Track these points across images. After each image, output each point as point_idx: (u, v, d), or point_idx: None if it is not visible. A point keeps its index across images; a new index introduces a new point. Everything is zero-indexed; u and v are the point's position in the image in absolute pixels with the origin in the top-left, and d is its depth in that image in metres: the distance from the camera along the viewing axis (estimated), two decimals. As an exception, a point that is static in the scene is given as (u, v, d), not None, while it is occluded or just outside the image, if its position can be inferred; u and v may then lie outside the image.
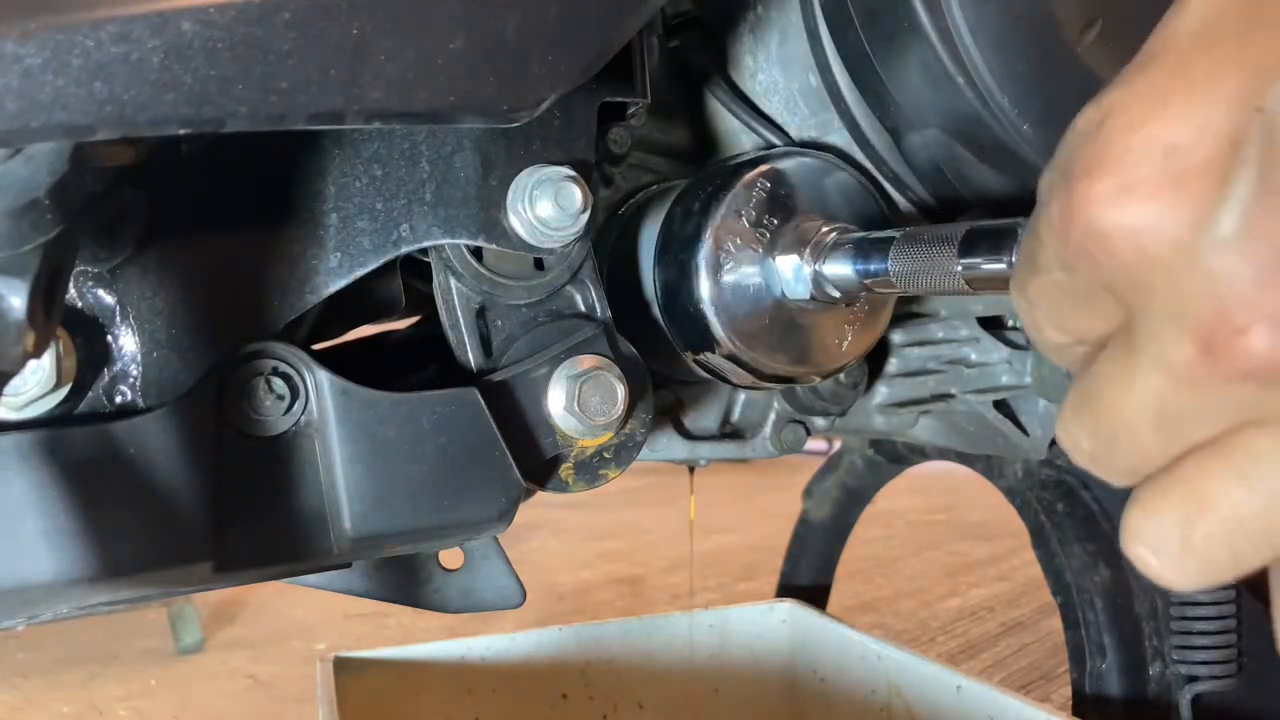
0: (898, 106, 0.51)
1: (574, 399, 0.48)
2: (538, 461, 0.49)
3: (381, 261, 0.46)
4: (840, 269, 0.48)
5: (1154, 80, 0.22)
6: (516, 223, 0.46)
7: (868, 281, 0.46)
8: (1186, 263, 0.22)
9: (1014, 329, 0.72)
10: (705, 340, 0.52)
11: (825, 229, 0.50)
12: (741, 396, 0.72)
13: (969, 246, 0.40)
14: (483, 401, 0.46)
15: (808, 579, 1.14)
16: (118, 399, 0.42)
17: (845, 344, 0.54)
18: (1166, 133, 0.22)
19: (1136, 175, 0.22)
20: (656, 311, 0.54)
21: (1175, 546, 0.24)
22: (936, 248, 0.41)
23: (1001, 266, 0.38)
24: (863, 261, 0.46)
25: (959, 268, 0.40)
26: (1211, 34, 0.22)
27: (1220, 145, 0.21)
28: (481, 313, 0.49)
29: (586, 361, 0.49)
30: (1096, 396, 0.26)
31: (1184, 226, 0.22)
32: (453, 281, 0.49)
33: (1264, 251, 0.21)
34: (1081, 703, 0.78)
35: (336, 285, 0.45)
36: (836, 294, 0.49)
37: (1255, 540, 0.23)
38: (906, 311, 0.71)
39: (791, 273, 0.50)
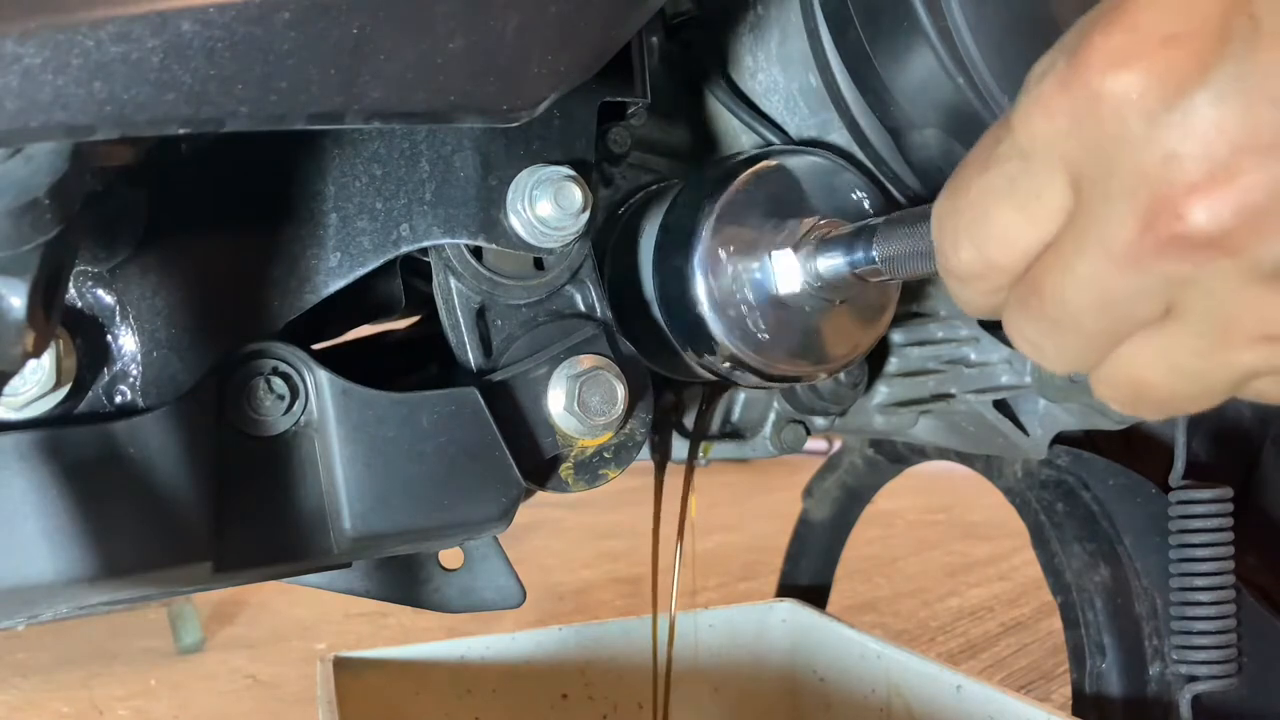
0: (898, 106, 0.51)
1: (574, 399, 0.48)
2: (538, 461, 0.49)
3: (381, 261, 0.46)
4: (833, 261, 0.47)
5: None
6: (516, 222, 0.46)
7: (858, 272, 0.46)
8: (1152, 138, 0.24)
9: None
10: (704, 340, 0.52)
11: (819, 225, 0.50)
12: (741, 396, 0.72)
13: None
14: (482, 401, 0.46)
15: (808, 579, 1.14)
16: (117, 399, 0.42)
17: (845, 343, 0.54)
18: (1165, 18, 0.24)
19: (1133, 46, 0.24)
20: (656, 311, 0.54)
21: (1129, 409, 0.29)
22: (916, 227, 0.41)
23: None
24: (852, 252, 0.46)
25: None
26: None
27: (1210, 38, 0.23)
28: (481, 312, 0.49)
29: (586, 361, 0.49)
30: (1038, 286, 0.28)
31: (1160, 101, 0.24)
32: (453, 281, 0.49)
33: (1221, 142, 0.23)
34: (1081, 703, 0.78)
35: (336, 285, 0.45)
36: (832, 289, 0.49)
37: (1186, 403, 0.28)
38: (906, 311, 0.71)
39: (789, 270, 0.50)
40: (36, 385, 0.39)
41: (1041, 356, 0.30)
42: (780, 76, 0.58)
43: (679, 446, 0.72)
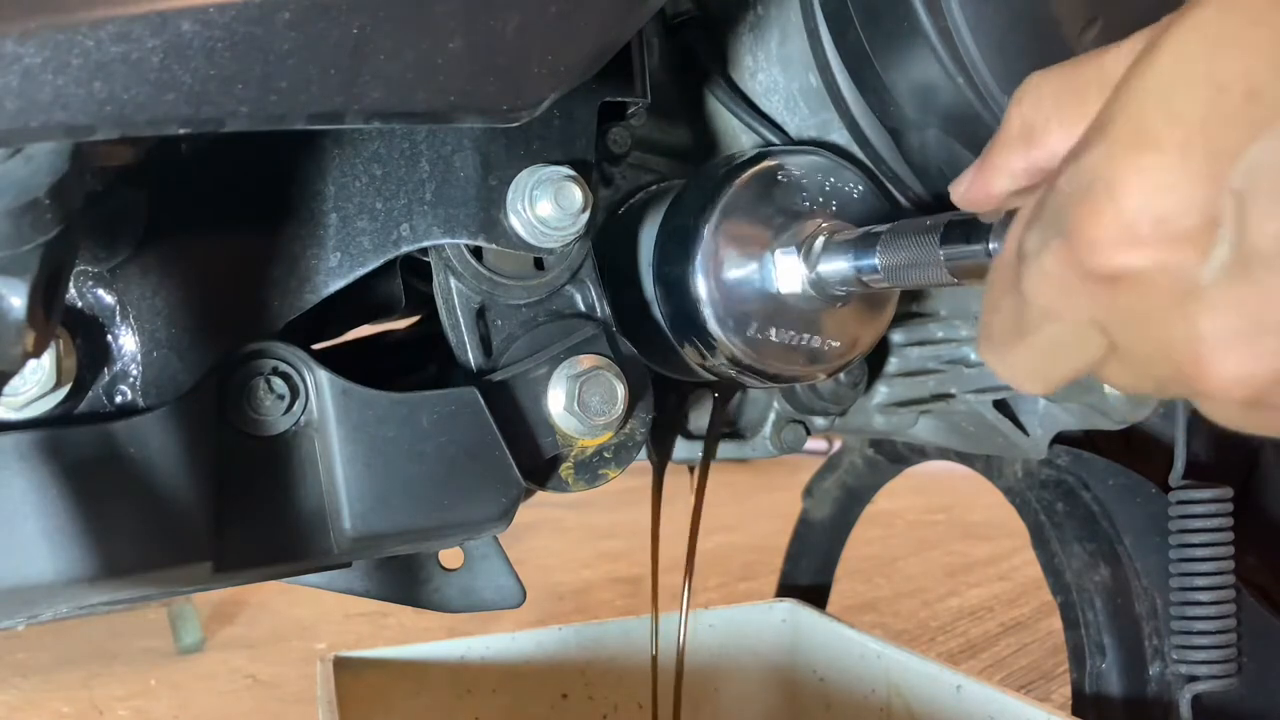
0: (898, 106, 0.51)
1: (574, 399, 0.48)
2: (538, 461, 0.49)
3: (381, 261, 0.46)
4: (835, 266, 0.48)
5: (1133, 147, 0.25)
6: (516, 222, 0.46)
7: (862, 278, 0.46)
8: (1172, 311, 0.25)
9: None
10: (704, 339, 0.52)
11: (821, 226, 0.50)
12: (741, 396, 0.72)
13: (950, 237, 0.40)
14: (483, 401, 0.46)
15: (808, 579, 1.14)
16: (118, 399, 0.42)
17: (845, 343, 0.54)
18: (1153, 204, 0.25)
19: (1136, 233, 0.25)
20: (656, 311, 0.54)
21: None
22: (920, 239, 0.41)
23: (982, 255, 0.39)
24: (854, 257, 0.46)
25: (942, 258, 0.40)
26: (1178, 102, 0.25)
27: (1200, 217, 0.24)
28: (481, 312, 0.49)
29: (586, 361, 0.49)
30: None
31: (1173, 280, 0.25)
32: (453, 281, 0.49)
33: (1236, 317, 0.24)
34: (1081, 703, 0.78)
35: (336, 285, 0.45)
36: (833, 292, 0.49)
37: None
38: (906, 311, 0.71)
39: (789, 271, 0.50)
40: (36, 385, 0.39)
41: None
42: (780, 76, 0.58)
43: (678, 446, 0.72)
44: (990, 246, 0.38)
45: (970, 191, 0.36)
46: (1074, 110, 0.31)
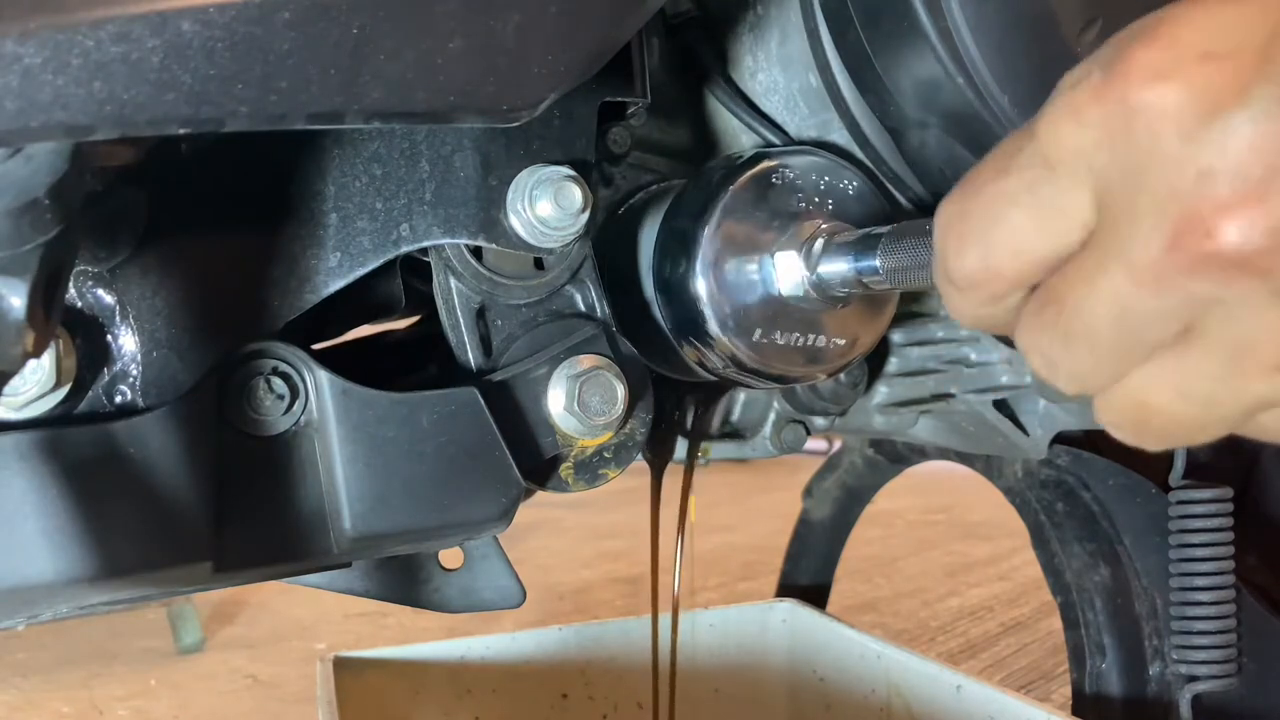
0: (898, 106, 0.51)
1: (574, 399, 0.48)
2: (538, 461, 0.49)
3: (381, 261, 0.46)
4: (836, 267, 0.48)
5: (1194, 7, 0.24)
6: (516, 222, 0.46)
7: (863, 279, 0.46)
8: (1186, 154, 0.24)
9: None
10: (705, 340, 0.52)
11: (822, 228, 0.50)
12: (741, 396, 0.72)
13: None
14: (483, 401, 0.46)
15: (808, 579, 1.14)
16: (117, 399, 0.42)
17: (846, 343, 0.54)
18: (1208, 37, 0.24)
19: (1173, 62, 0.24)
20: (656, 311, 0.54)
21: (1131, 437, 0.29)
22: (922, 242, 0.41)
23: None
24: (855, 259, 0.46)
25: None
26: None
27: (1250, 59, 0.23)
28: (481, 312, 0.49)
29: (586, 361, 0.49)
30: (1058, 298, 0.27)
31: (1197, 118, 0.24)
32: (453, 281, 0.49)
33: (1256, 161, 0.23)
34: (1081, 703, 0.78)
35: (336, 285, 0.45)
36: (834, 293, 0.49)
37: (1192, 433, 0.27)
38: (906, 311, 0.71)
39: (790, 272, 0.50)
40: (36, 385, 0.39)
41: (1054, 373, 0.29)
42: (780, 76, 0.58)
43: (677, 448, 0.72)
44: None
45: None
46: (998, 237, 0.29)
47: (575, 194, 0.46)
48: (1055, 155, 0.27)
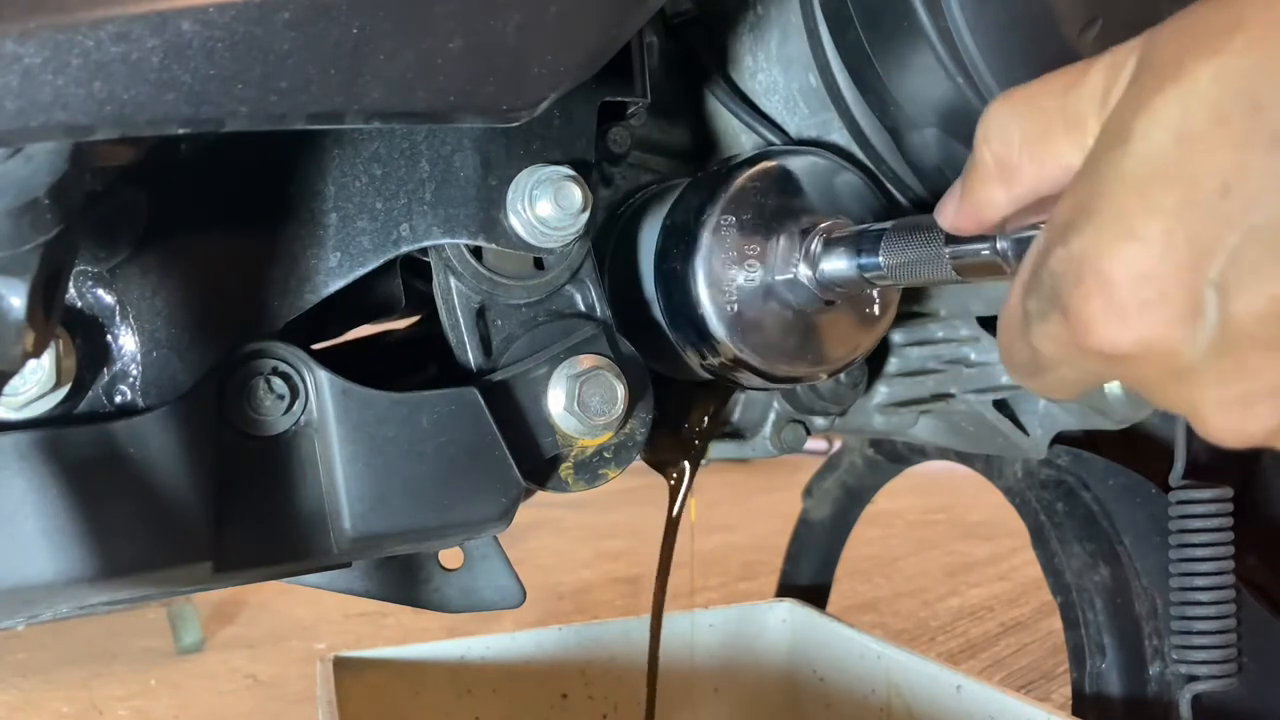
0: (898, 106, 0.51)
1: (574, 399, 0.48)
2: (538, 461, 0.49)
3: (381, 261, 0.46)
4: (837, 265, 0.48)
5: (1116, 237, 0.26)
6: (516, 222, 0.46)
7: (865, 276, 0.46)
8: (1169, 384, 0.27)
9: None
10: (705, 340, 0.52)
11: (822, 226, 0.50)
12: (741, 396, 0.72)
13: (955, 235, 0.40)
14: (482, 401, 0.46)
15: (808, 579, 1.14)
16: (117, 399, 0.42)
17: (848, 343, 0.54)
18: (1141, 292, 0.26)
19: (1126, 317, 0.27)
20: (657, 311, 0.54)
21: None
22: (924, 237, 0.42)
23: (987, 253, 0.39)
24: (857, 256, 0.46)
25: (947, 256, 0.40)
26: (1154, 194, 0.26)
27: (1186, 303, 0.26)
28: (481, 312, 0.49)
29: (586, 361, 0.49)
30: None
31: (1168, 357, 0.27)
32: (453, 281, 0.49)
33: (1226, 391, 0.26)
34: (1081, 703, 0.78)
35: (336, 285, 0.45)
36: (835, 291, 0.49)
37: None
38: (906, 311, 0.71)
39: (791, 271, 0.50)
40: (36, 385, 0.39)
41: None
42: (780, 76, 0.58)
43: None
44: (996, 245, 0.38)
45: (959, 220, 0.37)
46: (1042, 150, 0.32)
47: (575, 194, 0.46)
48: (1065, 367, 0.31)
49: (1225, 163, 0.24)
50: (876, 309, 0.54)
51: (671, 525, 0.73)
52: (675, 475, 0.71)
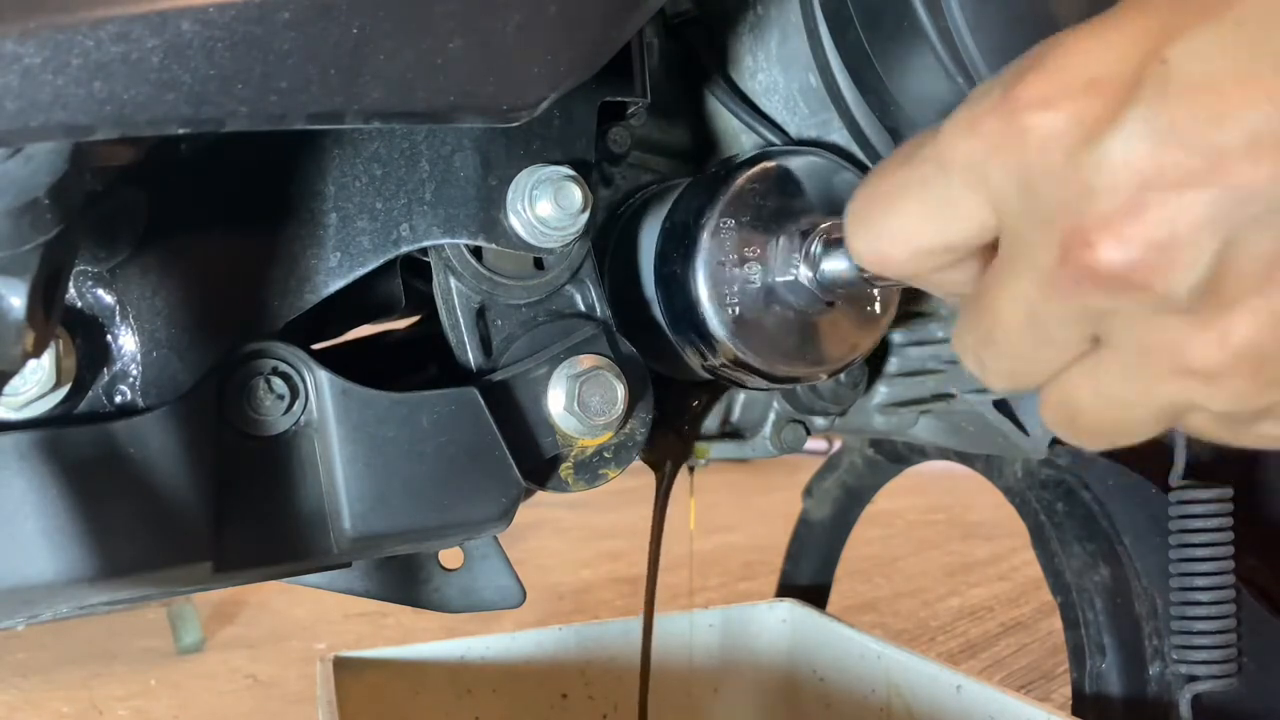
0: (898, 106, 0.51)
1: (574, 399, 0.48)
2: (538, 461, 0.49)
3: (381, 261, 0.46)
4: (837, 266, 0.48)
5: (1099, 25, 0.27)
6: (516, 222, 0.46)
7: (865, 277, 0.46)
8: (1070, 173, 0.26)
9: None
10: (705, 340, 0.52)
11: (822, 227, 0.50)
12: (741, 396, 0.72)
13: None
14: (482, 401, 0.46)
15: (808, 579, 1.14)
16: (117, 399, 0.42)
17: (848, 343, 0.54)
18: (1089, 63, 0.26)
19: (1058, 88, 0.26)
20: (657, 311, 0.54)
21: (1067, 436, 0.31)
22: None
23: None
24: None
25: None
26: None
27: (1126, 83, 0.25)
28: (481, 312, 0.49)
29: (586, 361, 0.49)
30: (979, 301, 0.30)
31: (1080, 140, 0.26)
32: (453, 281, 0.49)
33: (1130, 179, 0.25)
34: (1081, 703, 0.78)
35: (336, 285, 0.45)
36: (835, 292, 0.49)
37: (1118, 433, 0.30)
38: (906, 311, 0.71)
39: (792, 271, 0.50)
40: (36, 385, 0.39)
41: (982, 371, 0.32)
42: (780, 76, 0.58)
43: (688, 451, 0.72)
44: None
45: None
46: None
47: (575, 194, 0.46)
48: (950, 157, 0.29)
49: None
50: (877, 309, 0.54)
51: (658, 519, 0.73)
52: (661, 472, 0.71)
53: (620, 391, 0.48)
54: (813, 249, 0.49)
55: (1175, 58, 0.24)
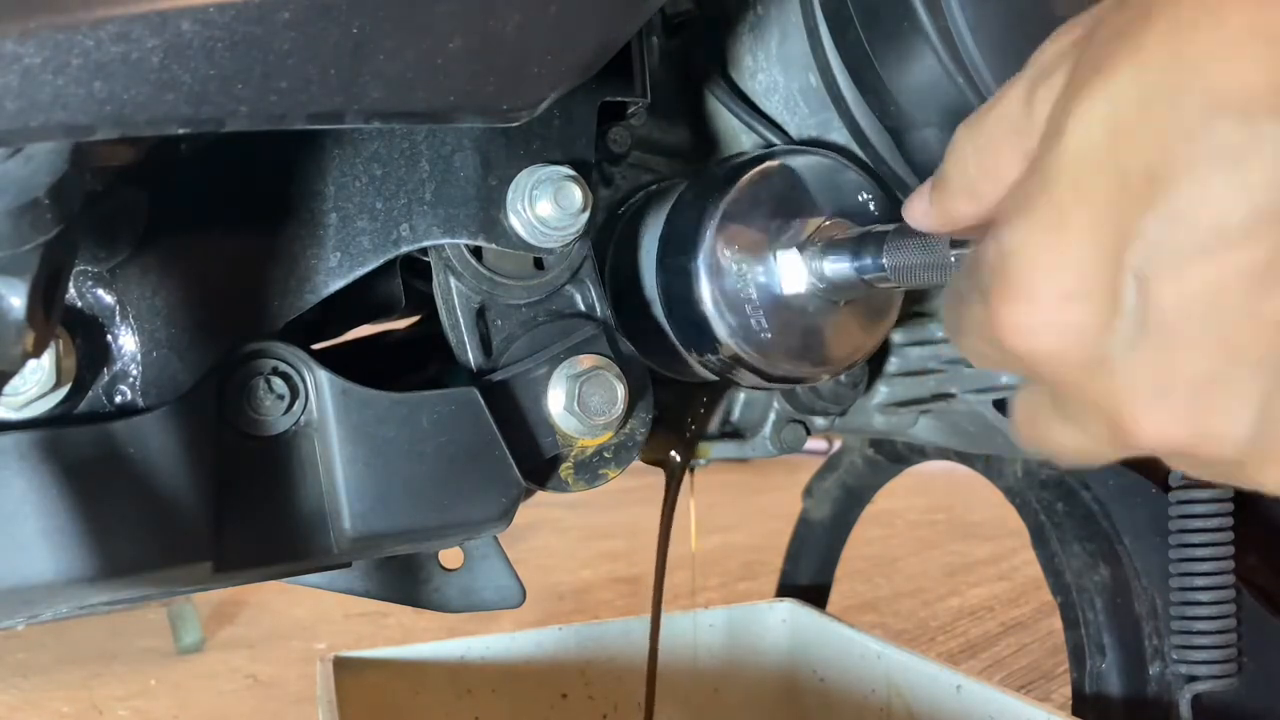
0: (898, 106, 0.51)
1: (574, 398, 0.48)
2: (538, 461, 0.49)
3: (381, 261, 0.46)
4: (839, 267, 0.48)
5: (1044, 229, 0.27)
6: (516, 222, 0.46)
7: (866, 278, 0.46)
8: (1088, 380, 0.27)
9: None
10: (707, 340, 0.52)
11: (824, 227, 0.50)
12: (741, 396, 0.72)
13: (961, 237, 0.40)
14: (482, 401, 0.46)
15: (808, 579, 1.14)
16: (117, 399, 0.42)
17: (850, 344, 0.54)
18: (1062, 282, 0.26)
19: (1043, 312, 0.27)
20: (658, 311, 0.54)
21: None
22: (928, 241, 0.41)
23: None
24: (859, 259, 0.46)
25: (952, 259, 0.40)
26: (1086, 185, 0.26)
27: (1105, 297, 0.26)
28: (481, 312, 0.49)
29: (586, 361, 0.49)
30: (1048, 439, 0.31)
31: (1082, 357, 0.27)
32: (453, 281, 0.49)
33: (1146, 385, 0.26)
34: (1081, 703, 0.78)
35: (336, 285, 0.45)
36: (837, 292, 0.49)
37: (1072, 458, 0.31)
38: (907, 311, 0.71)
39: (794, 271, 0.50)
40: (36, 385, 0.39)
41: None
42: (780, 76, 0.58)
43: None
44: None
45: (927, 222, 0.38)
46: (993, 170, 0.32)
47: (575, 194, 0.46)
48: (967, 349, 0.32)
49: (1150, 152, 0.24)
50: (878, 310, 0.54)
51: (666, 521, 0.73)
52: (669, 472, 0.71)
53: (620, 391, 0.48)
54: (815, 248, 0.49)
55: (1140, 259, 0.25)
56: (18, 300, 0.32)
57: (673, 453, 0.70)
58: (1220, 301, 0.24)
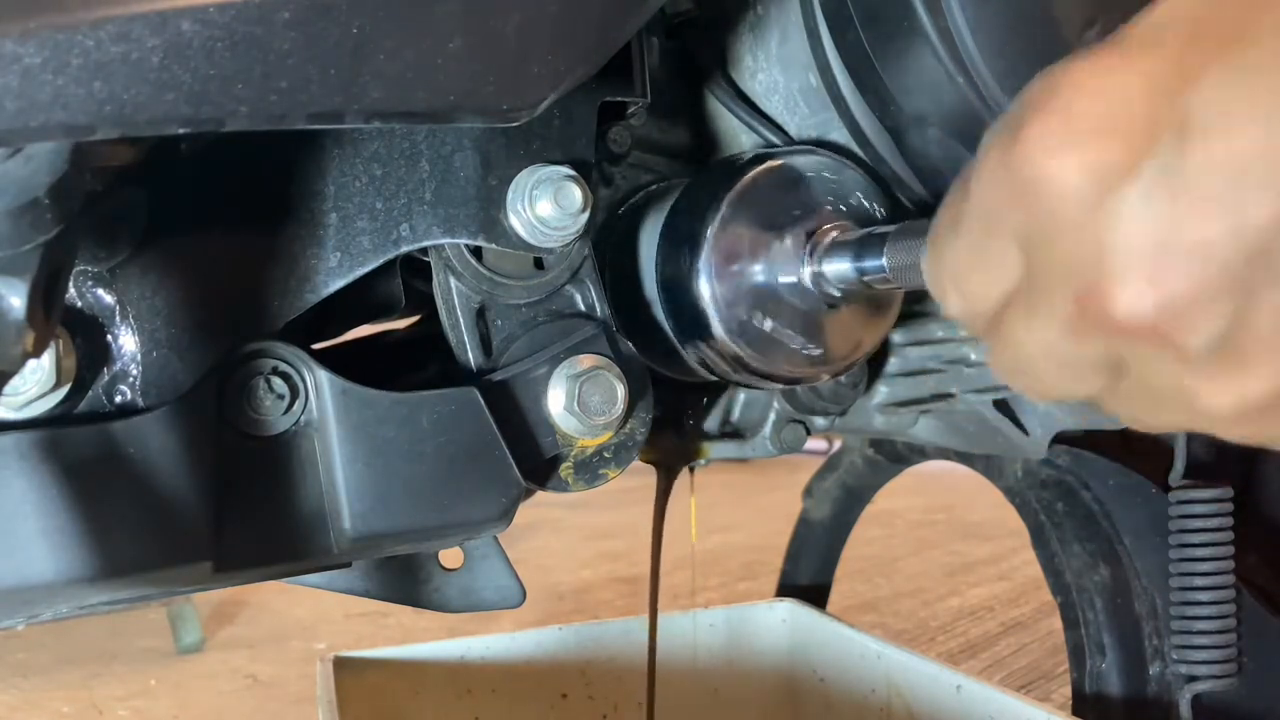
0: (898, 106, 0.51)
1: (574, 398, 0.48)
2: (538, 461, 0.49)
3: (381, 261, 0.46)
4: (840, 267, 0.48)
5: (1108, 60, 0.25)
6: (516, 222, 0.46)
7: (867, 279, 0.46)
8: (1085, 225, 0.25)
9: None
10: (707, 339, 0.52)
11: (825, 227, 0.50)
12: (741, 396, 0.72)
13: None
14: (482, 401, 0.46)
15: (808, 578, 1.14)
16: (117, 398, 0.42)
17: (850, 344, 0.54)
18: (1099, 106, 0.25)
19: (1072, 134, 0.25)
20: (658, 310, 0.54)
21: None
22: (927, 240, 0.41)
23: None
24: (860, 259, 0.46)
25: None
26: (1166, 32, 0.25)
27: (1145, 131, 0.24)
28: (481, 312, 0.49)
29: (586, 361, 0.49)
30: (1008, 335, 0.30)
31: (1095, 191, 0.25)
32: (453, 281, 0.49)
33: (1147, 238, 0.24)
34: (1081, 703, 0.78)
35: (336, 285, 0.45)
36: (837, 293, 0.49)
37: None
38: (907, 310, 0.71)
39: (794, 272, 0.50)
40: (36, 385, 0.39)
41: (1022, 391, 0.32)
42: (780, 76, 0.58)
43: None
44: None
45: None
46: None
47: (575, 194, 0.46)
48: (982, 213, 0.29)
49: (1234, 8, 0.24)
50: (878, 310, 0.54)
51: (658, 520, 0.73)
52: (664, 472, 0.71)
53: (620, 391, 0.48)
54: (816, 250, 0.49)
55: (1192, 107, 0.23)
56: (18, 300, 0.32)
57: (665, 453, 0.71)
58: (1253, 178, 0.23)
